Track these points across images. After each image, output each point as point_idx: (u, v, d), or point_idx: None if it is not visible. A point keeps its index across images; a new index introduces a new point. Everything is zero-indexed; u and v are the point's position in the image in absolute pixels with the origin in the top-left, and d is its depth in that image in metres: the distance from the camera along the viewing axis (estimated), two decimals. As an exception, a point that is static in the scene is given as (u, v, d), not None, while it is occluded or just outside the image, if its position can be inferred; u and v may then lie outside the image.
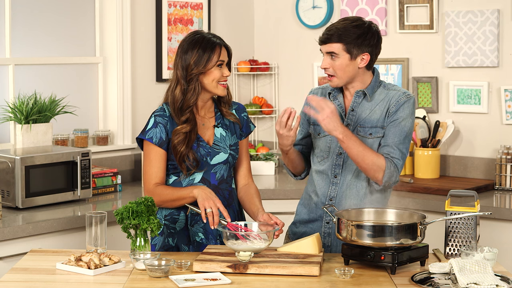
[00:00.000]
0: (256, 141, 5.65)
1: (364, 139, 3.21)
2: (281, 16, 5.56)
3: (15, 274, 2.87)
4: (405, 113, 3.21)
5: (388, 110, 3.21)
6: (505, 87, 4.65)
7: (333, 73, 3.19)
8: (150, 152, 3.25)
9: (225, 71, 3.23)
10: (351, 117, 3.24)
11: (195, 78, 3.21)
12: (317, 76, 5.37)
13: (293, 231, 3.41)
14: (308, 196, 3.36)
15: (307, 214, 3.35)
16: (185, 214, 3.26)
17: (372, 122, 3.22)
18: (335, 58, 3.17)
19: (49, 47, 4.76)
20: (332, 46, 3.16)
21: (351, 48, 3.15)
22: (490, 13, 4.67)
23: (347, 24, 3.17)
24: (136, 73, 4.99)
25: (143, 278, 2.81)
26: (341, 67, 3.17)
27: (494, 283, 2.63)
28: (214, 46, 3.20)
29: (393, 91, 3.25)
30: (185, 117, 3.22)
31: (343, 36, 3.14)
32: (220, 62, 3.21)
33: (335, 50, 3.15)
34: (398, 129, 3.19)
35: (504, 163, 4.58)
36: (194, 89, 3.21)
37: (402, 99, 3.21)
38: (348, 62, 3.16)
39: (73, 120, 4.71)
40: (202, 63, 3.19)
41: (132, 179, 4.93)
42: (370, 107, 3.23)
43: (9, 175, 3.98)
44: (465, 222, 3.08)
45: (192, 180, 3.26)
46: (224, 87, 3.24)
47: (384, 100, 3.23)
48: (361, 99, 3.24)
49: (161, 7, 5.08)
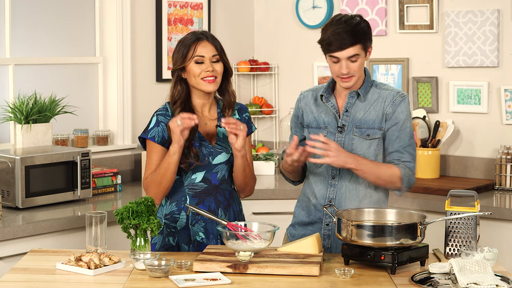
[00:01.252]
0: (256, 141, 5.65)
1: (361, 140, 3.21)
2: (281, 16, 5.56)
3: (15, 274, 2.87)
4: (404, 114, 3.22)
5: (384, 111, 3.21)
6: (505, 87, 4.65)
7: (353, 74, 3.18)
8: (152, 151, 3.25)
9: (205, 66, 3.21)
10: (346, 118, 3.24)
11: (175, 74, 3.26)
12: (317, 76, 5.38)
13: (291, 233, 3.39)
14: (307, 198, 3.34)
15: (306, 217, 3.33)
16: (186, 213, 3.26)
17: (368, 123, 3.22)
18: (356, 59, 3.15)
19: (49, 47, 4.76)
20: (355, 49, 3.13)
21: (366, 45, 3.17)
22: (490, 13, 4.67)
23: (350, 23, 3.14)
24: (136, 73, 4.99)
25: (143, 278, 2.81)
26: (360, 66, 3.18)
27: (494, 283, 2.63)
28: (191, 42, 3.23)
29: (386, 90, 3.25)
30: (177, 111, 3.23)
31: (359, 36, 3.13)
32: (197, 57, 3.21)
33: (357, 52, 3.14)
34: (402, 132, 3.21)
35: (504, 163, 4.58)
36: (179, 84, 3.26)
37: (398, 99, 3.22)
38: (364, 59, 3.18)
39: (73, 120, 4.71)
40: (180, 59, 3.24)
41: (132, 179, 4.93)
42: (364, 107, 3.23)
43: (9, 175, 3.98)
44: (465, 222, 3.08)
45: (193, 180, 3.26)
46: (209, 82, 3.22)
47: (378, 100, 3.24)
48: (354, 99, 3.24)
49: (161, 7, 5.08)
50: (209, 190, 3.28)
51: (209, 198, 3.28)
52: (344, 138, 3.23)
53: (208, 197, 3.28)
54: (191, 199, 3.27)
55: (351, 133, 3.22)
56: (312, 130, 3.30)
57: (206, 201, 3.27)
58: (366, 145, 3.21)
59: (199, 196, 3.27)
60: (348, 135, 3.23)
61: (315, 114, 3.30)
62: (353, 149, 3.21)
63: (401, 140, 3.21)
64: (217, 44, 3.27)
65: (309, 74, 5.43)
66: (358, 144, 3.22)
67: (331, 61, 3.17)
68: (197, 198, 3.27)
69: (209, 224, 3.27)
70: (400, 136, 3.21)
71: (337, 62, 3.16)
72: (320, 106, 3.30)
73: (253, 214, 4.54)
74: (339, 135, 3.24)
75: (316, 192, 3.29)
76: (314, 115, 3.30)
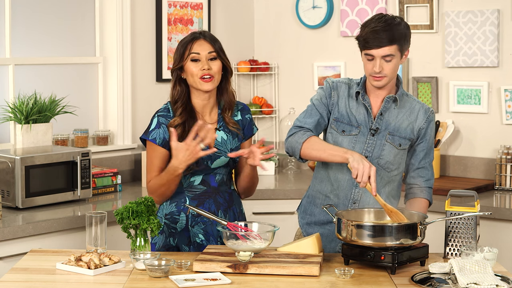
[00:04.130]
0: (256, 141, 5.65)
1: (392, 147, 3.23)
2: (281, 16, 5.56)
3: (15, 274, 2.87)
4: (432, 131, 3.31)
5: (418, 125, 3.25)
6: (505, 87, 4.65)
7: (385, 74, 3.16)
8: (153, 152, 3.25)
9: (201, 65, 3.20)
10: (379, 121, 3.23)
11: (175, 73, 3.26)
12: (317, 76, 5.37)
13: (308, 232, 3.36)
14: (324, 197, 3.31)
15: (325, 216, 3.30)
16: (186, 214, 3.26)
17: (401, 132, 3.24)
18: (391, 59, 3.14)
19: (49, 47, 4.76)
20: (391, 49, 3.12)
21: (402, 47, 3.16)
22: (490, 13, 4.67)
23: (390, 23, 3.13)
24: (136, 73, 4.99)
25: (143, 278, 2.81)
26: (395, 68, 3.17)
27: (494, 283, 2.63)
28: (188, 41, 3.23)
29: (417, 103, 3.30)
30: (178, 111, 3.22)
31: (396, 37, 3.12)
32: (193, 56, 3.21)
33: (392, 52, 3.13)
34: (430, 149, 3.32)
35: (504, 163, 4.58)
36: (178, 84, 3.26)
37: (431, 117, 3.29)
38: (399, 61, 3.18)
39: (73, 120, 4.71)
40: (178, 58, 3.24)
41: (132, 179, 4.93)
42: (396, 114, 3.25)
43: (9, 175, 3.98)
44: (465, 222, 3.08)
45: (192, 182, 3.26)
46: (205, 81, 3.21)
47: (410, 111, 3.26)
48: (390, 104, 3.24)
49: (161, 7, 5.08)
50: (209, 193, 3.28)
51: (208, 200, 3.27)
52: (376, 142, 3.23)
53: (208, 199, 3.27)
54: (191, 201, 3.27)
55: (384, 138, 3.23)
56: (343, 125, 3.26)
57: (206, 203, 3.27)
58: (394, 153, 3.24)
59: (198, 198, 3.27)
60: (380, 140, 3.23)
61: (348, 109, 3.26)
62: (381, 155, 3.22)
63: (428, 157, 3.31)
64: (215, 42, 3.25)
65: (309, 74, 5.43)
66: (388, 150, 3.23)
67: (366, 58, 3.17)
68: (196, 201, 3.27)
69: (209, 225, 3.26)
70: (428, 153, 3.30)
71: (371, 60, 3.15)
72: (352, 102, 3.27)
73: (253, 214, 4.54)
74: (371, 137, 3.23)
75: (339, 192, 3.27)
76: (347, 109, 3.26)
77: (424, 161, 3.30)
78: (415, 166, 3.31)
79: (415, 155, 3.30)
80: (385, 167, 3.23)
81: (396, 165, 3.25)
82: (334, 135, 3.27)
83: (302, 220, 3.40)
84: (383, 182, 3.25)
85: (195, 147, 3.07)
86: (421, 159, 3.30)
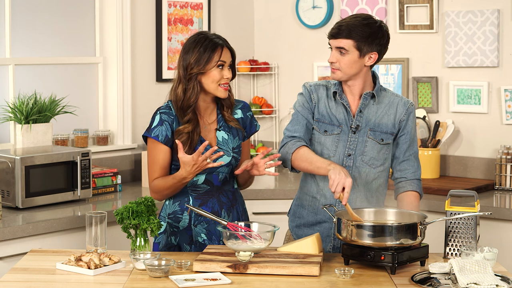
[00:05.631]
0: (256, 141, 5.65)
1: (375, 143, 3.24)
2: (281, 16, 5.56)
3: (15, 274, 2.87)
4: (414, 123, 3.33)
5: (398, 118, 3.27)
6: (505, 87, 4.65)
7: (338, 67, 3.20)
8: (155, 149, 3.24)
9: (225, 73, 3.21)
10: (359, 119, 3.24)
11: (194, 77, 3.20)
12: (317, 76, 5.37)
13: (297, 235, 3.37)
14: (311, 198, 3.33)
15: (313, 217, 3.32)
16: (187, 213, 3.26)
17: (382, 127, 3.26)
18: (344, 53, 3.17)
19: (49, 47, 4.76)
20: (342, 42, 3.16)
21: (361, 45, 3.16)
22: (490, 13, 4.67)
23: (358, 21, 3.16)
24: (136, 73, 4.99)
25: (143, 278, 2.81)
26: (348, 63, 3.18)
27: (494, 283, 2.63)
28: (216, 47, 3.20)
29: (396, 97, 3.32)
30: (187, 117, 3.22)
31: (353, 33, 3.15)
32: (220, 62, 3.20)
33: (345, 46, 3.16)
34: (413, 141, 3.33)
35: (504, 163, 4.58)
36: (193, 88, 3.20)
37: (410, 108, 3.30)
38: (357, 59, 3.17)
39: (73, 120, 4.71)
40: (202, 62, 3.18)
41: (132, 179, 4.93)
42: (375, 109, 3.26)
43: (9, 175, 3.98)
44: (465, 222, 3.08)
45: (195, 182, 3.26)
46: (225, 89, 3.22)
47: (389, 105, 3.28)
48: (368, 100, 3.25)
49: (161, 7, 5.08)
50: (212, 192, 3.28)
51: (212, 199, 3.28)
52: (358, 139, 3.24)
53: (211, 198, 3.28)
54: (194, 200, 3.27)
55: (365, 135, 3.24)
56: (324, 125, 3.28)
57: (209, 202, 3.27)
58: (378, 149, 3.25)
59: (202, 197, 3.27)
60: (362, 136, 3.24)
61: (328, 109, 3.29)
62: (365, 151, 3.23)
63: (412, 149, 3.32)
64: (233, 52, 3.27)
65: (309, 74, 5.43)
66: (370, 147, 3.24)
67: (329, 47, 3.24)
68: (200, 200, 3.27)
69: (212, 225, 3.26)
70: (411, 145, 3.31)
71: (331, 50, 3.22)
72: (332, 103, 3.29)
73: (253, 214, 4.54)
74: (353, 135, 3.25)
75: (325, 191, 3.28)
76: (327, 110, 3.29)
77: (408, 153, 3.31)
78: (400, 159, 3.32)
79: (398, 148, 3.32)
80: (369, 163, 3.25)
81: (381, 161, 3.27)
82: (317, 135, 3.30)
83: (291, 223, 3.42)
84: (369, 179, 3.26)
85: (202, 162, 3.09)
86: (405, 151, 3.31)
